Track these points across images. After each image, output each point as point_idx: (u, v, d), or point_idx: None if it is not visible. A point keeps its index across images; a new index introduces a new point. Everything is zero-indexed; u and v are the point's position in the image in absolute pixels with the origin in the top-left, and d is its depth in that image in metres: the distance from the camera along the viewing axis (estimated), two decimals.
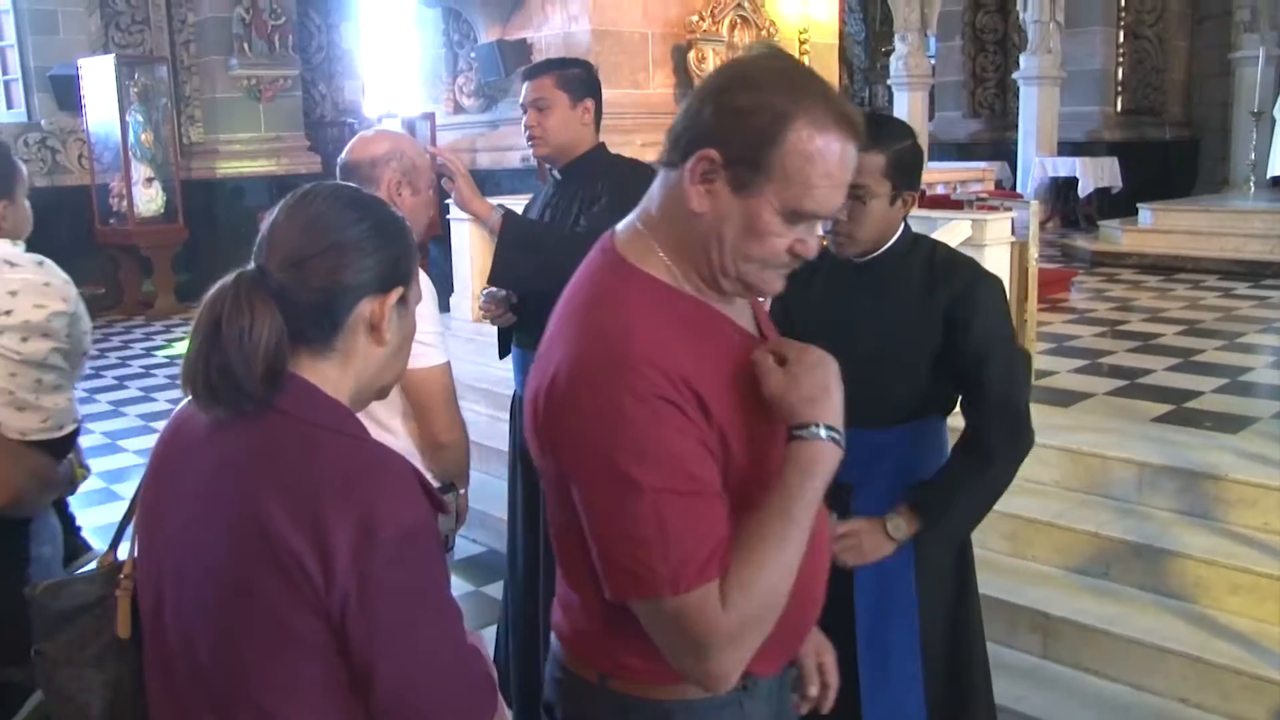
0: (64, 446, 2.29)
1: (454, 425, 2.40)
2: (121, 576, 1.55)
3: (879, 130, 2.22)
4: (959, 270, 2.28)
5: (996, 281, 2.31)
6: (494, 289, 3.09)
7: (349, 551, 1.23)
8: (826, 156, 1.32)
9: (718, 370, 1.37)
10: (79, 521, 3.51)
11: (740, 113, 1.33)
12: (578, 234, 2.81)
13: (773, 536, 1.33)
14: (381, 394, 1.49)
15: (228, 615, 1.29)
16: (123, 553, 1.60)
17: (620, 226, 1.50)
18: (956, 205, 8.01)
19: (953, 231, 4.77)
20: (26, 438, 2.17)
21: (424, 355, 2.24)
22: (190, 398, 1.34)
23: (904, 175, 2.22)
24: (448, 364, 2.37)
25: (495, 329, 3.24)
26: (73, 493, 2.45)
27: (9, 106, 11.45)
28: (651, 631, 1.35)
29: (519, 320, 3.07)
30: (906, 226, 2.33)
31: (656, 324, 1.35)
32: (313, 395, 1.34)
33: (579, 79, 2.98)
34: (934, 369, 2.25)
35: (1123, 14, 14.08)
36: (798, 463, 1.36)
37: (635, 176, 3.00)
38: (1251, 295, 8.51)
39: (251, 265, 1.36)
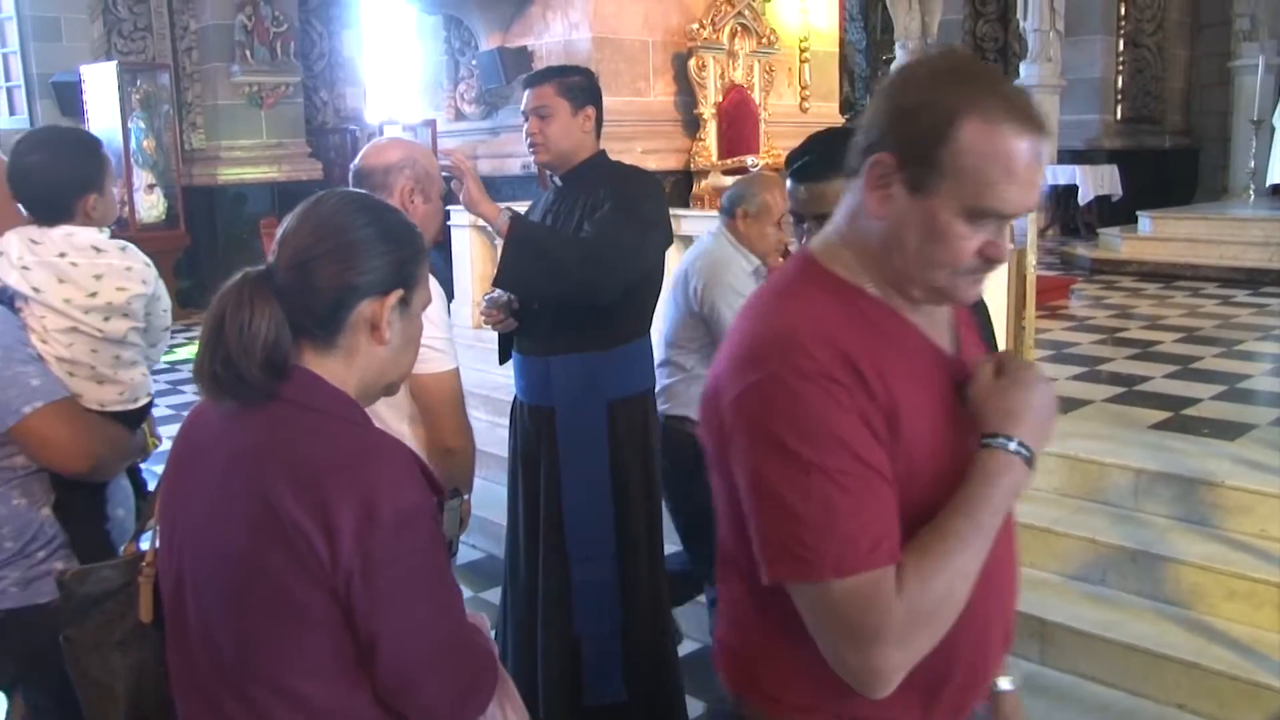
0: (139, 417, 2.46)
1: (461, 431, 2.45)
2: (144, 564, 1.65)
3: (831, 160, 2.14)
4: None
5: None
6: (496, 294, 3.10)
7: (352, 532, 1.30)
8: (1003, 151, 1.27)
9: (895, 367, 1.32)
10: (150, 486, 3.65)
11: (909, 112, 1.31)
12: (583, 239, 2.83)
13: (954, 535, 1.28)
14: (389, 391, 1.54)
15: (243, 594, 1.36)
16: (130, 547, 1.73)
17: (818, 235, 1.47)
18: None
19: None
20: (105, 409, 2.35)
21: (434, 360, 2.28)
22: (201, 390, 1.41)
23: None
24: (457, 370, 2.41)
25: (495, 335, 3.26)
26: (145, 460, 2.62)
27: (11, 113, 11.48)
28: (811, 623, 1.29)
29: (520, 326, 3.09)
30: None
31: (831, 312, 1.33)
32: (316, 385, 1.41)
33: (580, 86, 3.00)
34: None
35: (1122, 23, 14.10)
36: (982, 469, 1.32)
37: (637, 182, 3.02)
38: (1250, 303, 8.53)
39: (263, 266, 1.43)
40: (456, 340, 2.67)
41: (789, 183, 2.27)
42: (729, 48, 8.15)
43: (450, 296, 7.68)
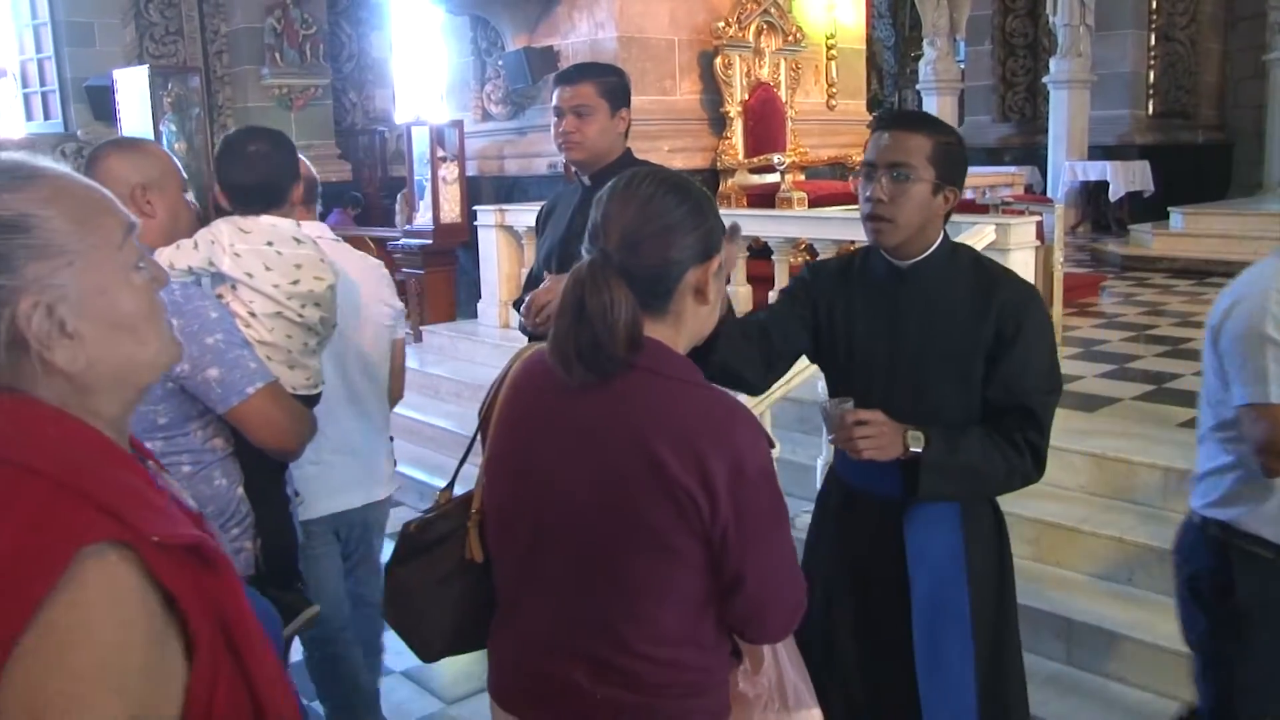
0: (314, 403, 2.56)
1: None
2: (473, 511, 1.90)
3: (925, 120, 2.25)
4: (1008, 281, 2.27)
5: (1042, 301, 2.31)
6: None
7: (726, 487, 1.51)
8: None
9: None
10: None
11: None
12: None
13: None
14: (699, 342, 1.72)
15: (617, 539, 1.57)
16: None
17: None
18: (982, 209, 7.98)
19: (977, 236, 4.75)
20: (295, 392, 2.46)
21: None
22: (561, 369, 1.58)
23: (948, 167, 2.21)
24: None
25: (520, 334, 3.25)
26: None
27: (46, 117, 11.62)
28: None
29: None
30: (946, 235, 2.31)
31: None
32: (664, 353, 1.60)
33: (619, 87, 2.99)
34: (981, 378, 2.22)
35: (1154, 16, 13.95)
36: None
37: None
38: None
39: (593, 249, 1.59)
40: (484, 340, 2.72)
41: (873, 133, 2.27)
42: (755, 45, 8.13)
43: (477, 296, 7.70)
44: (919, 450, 2.13)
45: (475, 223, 7.64)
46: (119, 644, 0.99)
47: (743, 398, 2.16)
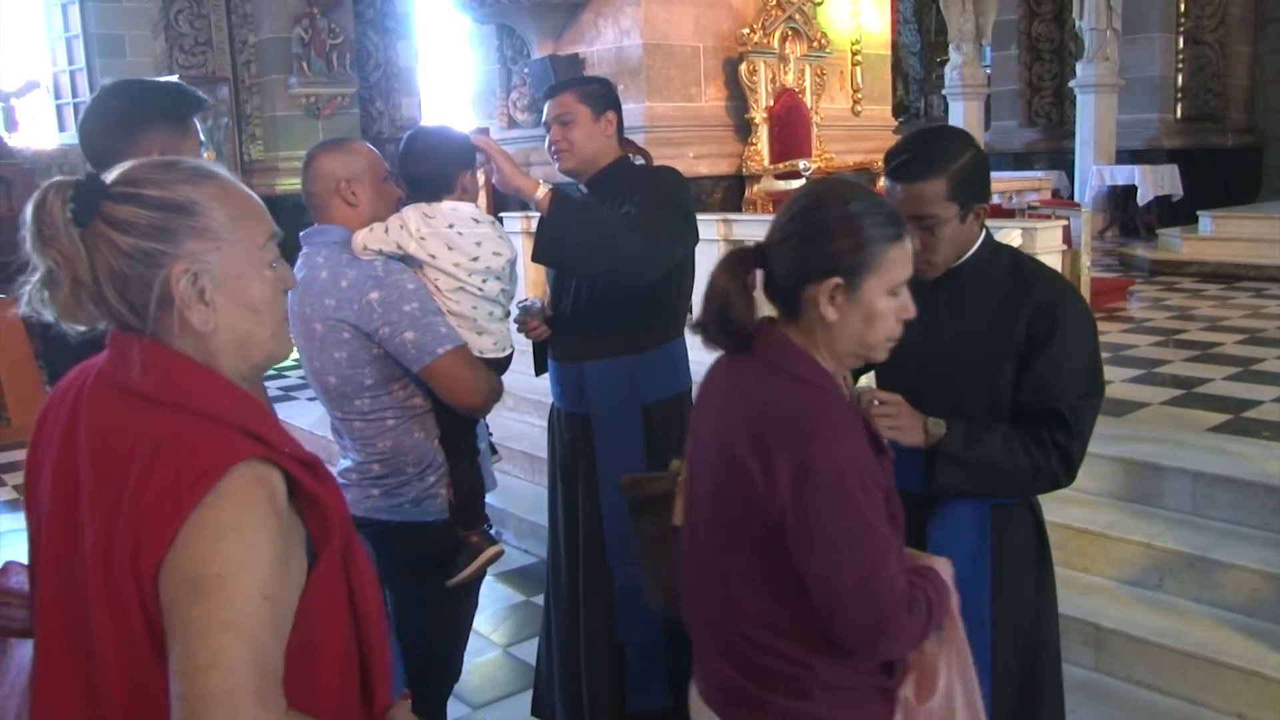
0: (505, 365, 2.82)
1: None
2: (680, 478, 2.08)
3: (934, 153, 2.18)
4: (1045, 281, 2.24)
5: (1083, 301, 2.27)
6: (530, 302, 3.12)
7: (787, 480, 1.61)
8: None
9: None
10: None
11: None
12: (626, 214, 2.80)
13: None
14: (858, 359, 1.81)
15: (712, 512, 1.77)
16: None
17: None
18: (1009, 214, 7.95)
19: (1003, 240, 4.73)
20: (483, 355, 2.71)
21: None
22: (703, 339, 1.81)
23: (969, 191, 2.18)
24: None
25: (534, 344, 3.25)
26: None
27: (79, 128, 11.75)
28: None
29: (553, 332, 3.10)
30: (987, 234, 2.29)
31: None
32: (783, 343, 1.74)
33: (599, 93, 3.02)
34: (1011, 382, 2.20)
35: (1182, 19, 13.86)
36: None
37: (663, 176, 3.02)
38: None
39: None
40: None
41: (886, 182, 2.25)
42: (780, 52, 8.13)
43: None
44: (940, 434, 2.13)
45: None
46: (258, 538, 1.23)
47: None
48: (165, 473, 1.23)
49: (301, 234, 2.71)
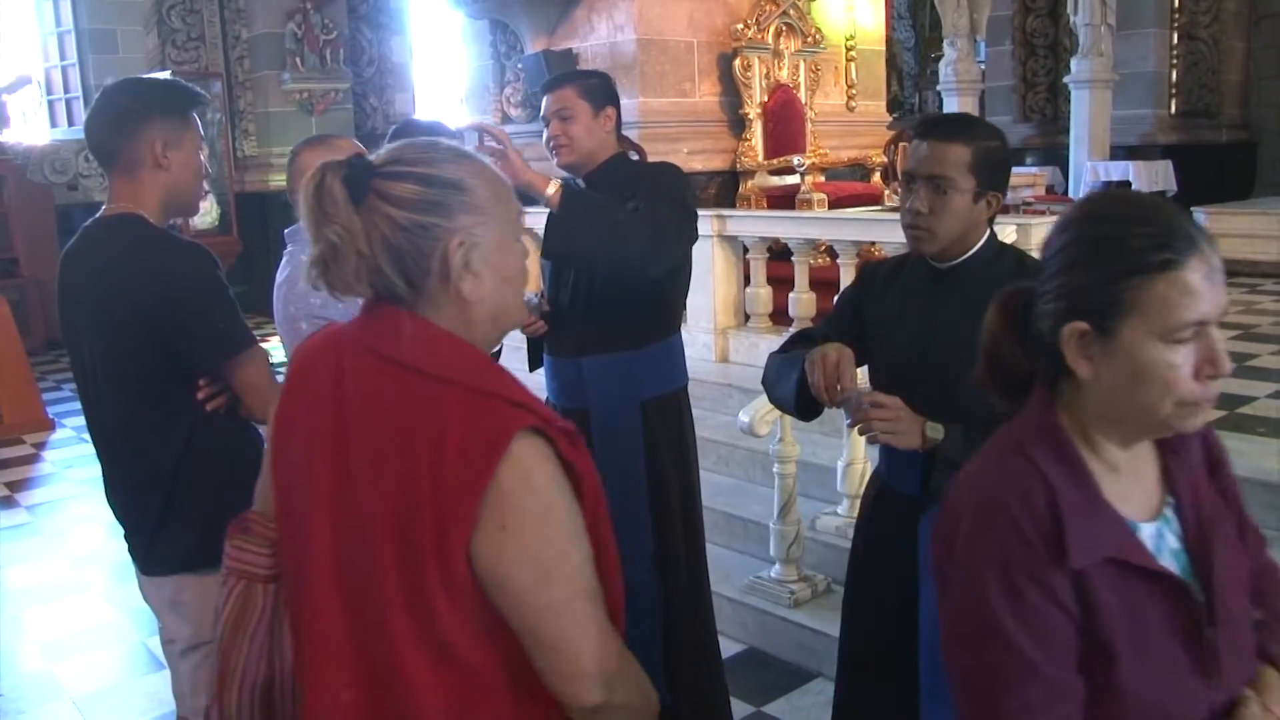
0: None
1: None
2: None
3: (965, 127, 2.23)
4: None
5: None
6: (527, 298, 3.11)
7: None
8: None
9: None
10: None
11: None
12: (634, 209, 2.79)
13: None
14: (1150, 431, 1.44)
15: None
16: None
17: None
18: (1003, 209, 7.94)
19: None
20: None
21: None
22: None
23: (989, 173, 2.20)
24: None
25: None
26: None
27: (70, 123, 11.71)
28: None
29: (550, 328, 3.09)
30: (992, 233, 2.30)
31: None
32: (1032, 418, 1.49)
33: (599, 88, 3.01)
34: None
35: (1176, 15, 13.85)
36: None
37: (663, 173, 3.02)
38: None
39: None
40: (504, 342, 2.73)
41: (915, 139, 2.26)
42: (774, 47, 8.12)
43: None
44: (938, 439, 2.11)
45: None
46: (564, 503, 1.36)
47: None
48: (456, 448, 1.30)
49: (285, 231, 2.71)
